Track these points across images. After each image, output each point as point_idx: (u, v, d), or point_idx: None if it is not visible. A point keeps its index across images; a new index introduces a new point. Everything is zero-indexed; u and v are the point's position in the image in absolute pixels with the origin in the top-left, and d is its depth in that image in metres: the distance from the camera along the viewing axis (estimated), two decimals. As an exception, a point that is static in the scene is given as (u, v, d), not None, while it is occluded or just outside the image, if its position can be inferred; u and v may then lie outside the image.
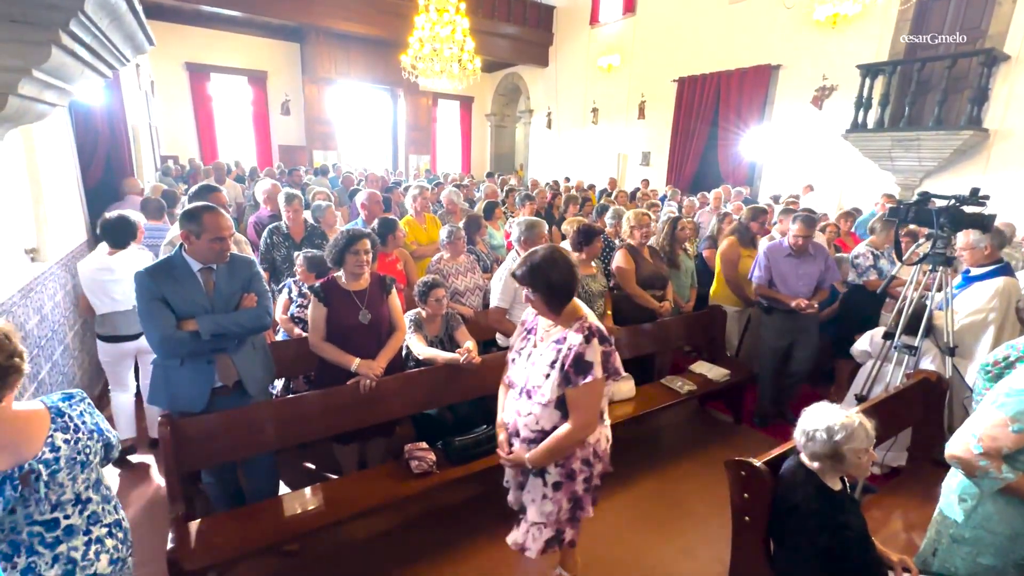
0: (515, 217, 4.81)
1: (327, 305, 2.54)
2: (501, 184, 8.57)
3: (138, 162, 6.69)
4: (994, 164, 6.57)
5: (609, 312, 3.47)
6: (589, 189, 9.87)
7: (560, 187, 10.26)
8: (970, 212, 2.56)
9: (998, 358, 1.84)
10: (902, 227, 3.08)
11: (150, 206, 4.18)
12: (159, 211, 4.22)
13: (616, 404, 3.26)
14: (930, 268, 2.72)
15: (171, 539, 1.94)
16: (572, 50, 13.46)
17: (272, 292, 3.54)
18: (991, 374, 1.83)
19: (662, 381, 3.60)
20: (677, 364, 4.20)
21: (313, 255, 3.28)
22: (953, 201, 2.58)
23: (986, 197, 2.55)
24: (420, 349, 2.79)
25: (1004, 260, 2.91)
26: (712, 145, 10.09)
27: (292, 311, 3.31)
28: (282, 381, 3.37)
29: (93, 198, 4.64)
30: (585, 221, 3.58)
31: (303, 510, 2.26)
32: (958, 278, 2.99)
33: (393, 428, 2.92)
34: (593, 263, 3.43)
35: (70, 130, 4.20)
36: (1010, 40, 6.34)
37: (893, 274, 3.08)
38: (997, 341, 2.71)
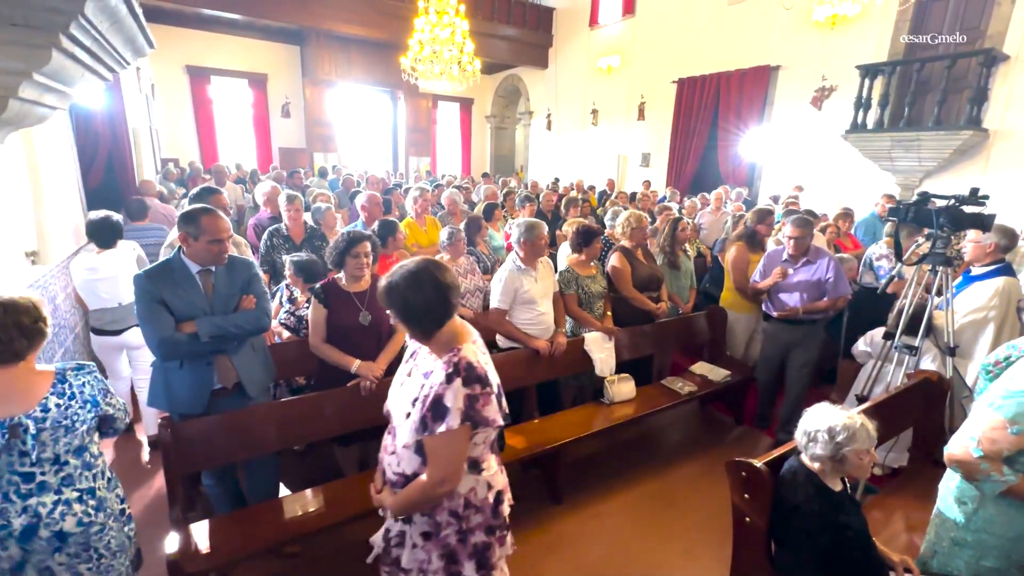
0: (515, 218, 4.81)
1: (327, 307, 2.54)
2: (502, 185, 8.56)
3: (139, 165, 6.70)
4: (994, 164, 6.56)
5: (609, 313, 3.47)
6: (589, 190, 9.88)
7: (559, 187, 10.27)
8: (970, 212, 2.56)
9: (999, 358, 1.83)
10: (902, 228, 3.07)
11: (132, 207, 4.19)
12: (142, 212, 4.24)
13: (617, 405, 3.26)
14: (930, 268, 2.72)
15: (172, 541, 1.94)
16: (572, 51, 13.46)
17: (272, 294, 3.52)
18: (992, 374, 1.82)
19: (662, 382, 3.60)
20: (677, 364, 4.19)
21: (301, 260, 3.20)
22: (953, 201, 2.57)
23: (986, 197, 2.55)
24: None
25: (1005, 260, 2.91)
26: (712, 146, 10.08)
27: (281, 317, 3.24)
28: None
29: (94, 201, 4.65)
30: (585, 222, 3.57)
31: (304, 512, 2.25)
32: (958, 278, 2.99)
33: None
34: (593, 264, 3.43)
35: (71, 133, 4.21)
36: (1009, 40, 6.33)
37: (893, 274, 3.08)
38: (997, 341, 2.72)
